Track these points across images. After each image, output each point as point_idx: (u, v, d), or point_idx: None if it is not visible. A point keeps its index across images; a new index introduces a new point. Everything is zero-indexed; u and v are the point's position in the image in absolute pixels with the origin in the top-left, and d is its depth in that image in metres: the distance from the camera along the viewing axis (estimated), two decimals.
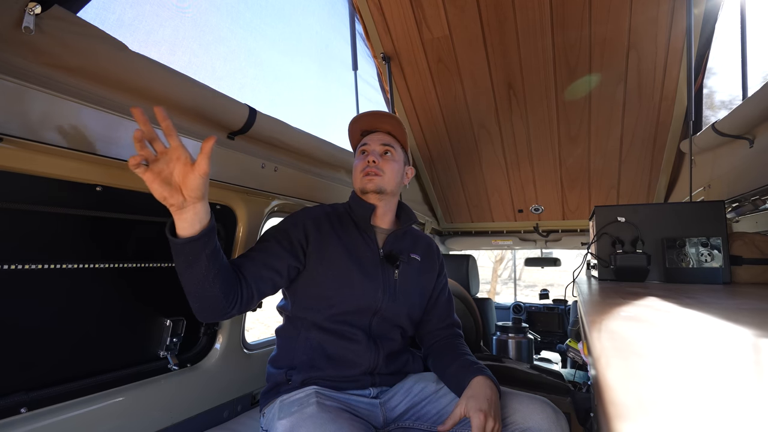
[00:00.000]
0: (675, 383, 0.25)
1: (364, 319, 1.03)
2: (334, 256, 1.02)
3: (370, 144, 1.12)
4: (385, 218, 1.14)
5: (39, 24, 0.68)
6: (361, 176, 1.09)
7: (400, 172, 1.14)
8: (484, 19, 1.89)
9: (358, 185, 1.11)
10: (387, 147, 1.12)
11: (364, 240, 1.08)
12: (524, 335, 2.44)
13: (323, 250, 1.02)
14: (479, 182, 2.77)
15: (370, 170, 1.08)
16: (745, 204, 1.53)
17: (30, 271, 0.84)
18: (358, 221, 1.09)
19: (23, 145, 0.75)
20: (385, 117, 1.14)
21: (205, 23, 1.34)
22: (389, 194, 1.11)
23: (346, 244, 1.05)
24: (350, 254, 1.04)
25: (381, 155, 1.11)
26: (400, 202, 1.21)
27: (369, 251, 1.07)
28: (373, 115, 1.14)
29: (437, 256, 1.23)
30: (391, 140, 1.14)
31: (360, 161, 1.12)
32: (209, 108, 1.03)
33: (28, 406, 0.83)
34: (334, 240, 1.04)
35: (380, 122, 1.14)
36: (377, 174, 1.08)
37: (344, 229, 1.08)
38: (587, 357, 0.68)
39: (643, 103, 2.07)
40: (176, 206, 0.73)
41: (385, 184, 1.08)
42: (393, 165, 1.11)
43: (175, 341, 1.11)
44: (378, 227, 1.13)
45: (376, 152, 1.10)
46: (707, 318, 0.48)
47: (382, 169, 1.09)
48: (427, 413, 1.00)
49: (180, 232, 0.76)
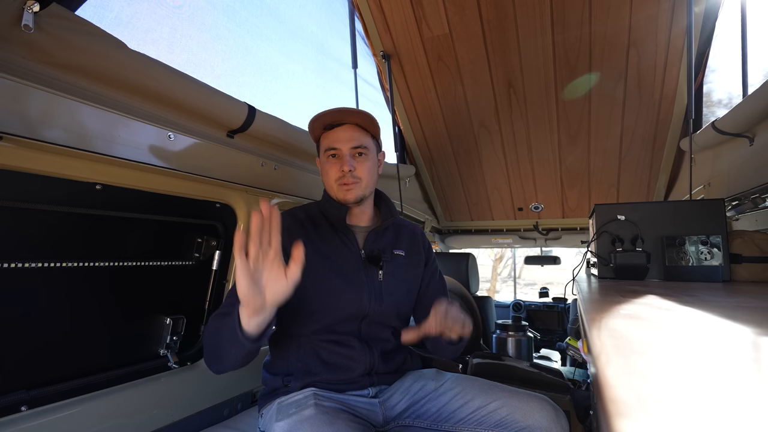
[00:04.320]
0: (675, 381, 0.25)
1: (352, 325, 1.00)
2: (311, 267, 0.93)
3: (340, 147, 1.00)
4: (363, 216, 1.08)
5: (38, 22, 0.68)
6: (336, 185, 1.01)
7: (375, 167, 1.07)
8: (484, 17, 1.89)
9: (333, 194, 1.03)
10: (359, 148, 1.01)
11: (343, 242, 1.03)
12: (524, 333, 2.45)
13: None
14: (479, 180, 2.77)
15: (346, 181, 0.99)
16: (745, 202, 1.53)
17: (30, 269, 0.84)
18: (334, 222, 1.03)
19: (23, 143, 0.75)
20: (352, 110, 1.02)
21: (204, 21, 1.34)
22: (369, 195, 1.06)
23: (323, 251, 1.00)
24: (329, 261, 0.99)
25: (354, 157, 1.01)
26: (379, 192, 1.13)
27: (349, 254, 1.02)
28: (337, 110, 1.01)
29: (423, 245, 1.16)
30: (360, 135, 1.02)
31: (332, 167, 1.01)
32: (208, 106, 1.03)
33: (29, 404, 0.83)
34: (310, 249, 0.94)
35: (347, 115, 1.02)
36: (355, 182, 1.00)
37: (319, 234, 1.03)
38: (587, 355, 0.68)
39: (643, 101, 2.07)
40: (252, 308, 0.71)
41: (364, 189, 1.02)
42: (368, 165, 1.02)
43: (176, 339, 1.12)
44: (356, 226, 1.07)
45: (349, 158, 1.00)
46: (707, 316, 0.48)
47: (358, 177, 1.00)
48: (427, 411, 1.00)
49: (248, 330, 0.74)
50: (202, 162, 1.09)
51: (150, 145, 0.95)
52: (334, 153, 1.02)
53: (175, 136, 1.00)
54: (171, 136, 0.99)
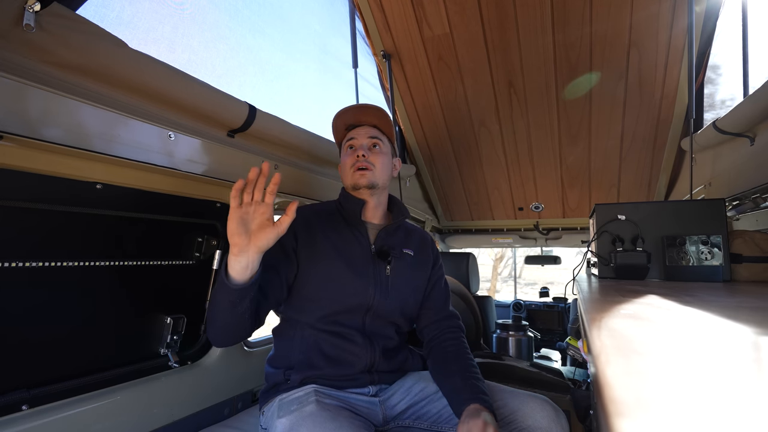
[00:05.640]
0: (675, 381, 0.25)
1: (356, 317, 1.02)
2: (322, 255, 1.01)
3: (358, 138, 1.10)
4: (376, 213, 1.12)
5: (38, 21, 0.68)
6: (351, 172, 1.07)
7: (389, 165, 1.14)
8: (485, 16, 1.89)
9: (348, 181, 1.09)
10: (375, 140, 1.10)
11: (355, 236, 1.07)
12: (524, 333, 2.45)
13: (312, 250, 1.01)
14: (479, 180, 2.77)
15: (360, 164, 1.06)
16: (746, 202, 1.53)
17: (30, 268, 0.84)
18: (348, 217, 1.08)
19: (23, 142, 0.75)
20: (370, 110, 1.13)
21: (205, 21, 1.34)
22: (381, 188, 1.10)
23: (335, 242, 1.04)
24: (340, 252, 1.03)
25: (369, 149, 1.10)
26: (392, 197, 1.20)
27: (360, 247, 1.06)
28: (357, 108, 1.13)
29: (431, 249, 1.20)
30: (377, 133, 1.12)
31: (348, 156, 1.10)
32: (209, 106, 1.03)
33: (30, 403, 0.83)
34: (322, 239, 1.03)
35: (365, 116, 1.13)
36: (368, 168, 1.06)
37: (333, 226, 1.07)
38: (587, 355, 0.68)
39: (644, 101, 2.07)
40: (238, 247, 0.78)
41: (376, 178, 1.07)
42: (382, 158, 1.10)
43: (176, 339, 1.12)
44: (369, 223, 1.11)
45: (364, 146, 1.09)
46: (707, 316, 0.48)
47: (372, 163, 1.07)
48: (428, 413, 1.00)
49: (232, 273, 0.80)
50: (203, 161, 1.09)
51: (150, 144, 0.95)
52: (351, 144, 1.11)
53: (176, 135, 1.00)
54: (172, 136, 0.99)
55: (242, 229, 0.78)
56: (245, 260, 0.79)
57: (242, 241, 0.78)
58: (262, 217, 0.80)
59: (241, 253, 0.78)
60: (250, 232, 0.79)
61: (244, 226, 0.78)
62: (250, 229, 0.79)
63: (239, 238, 0.78)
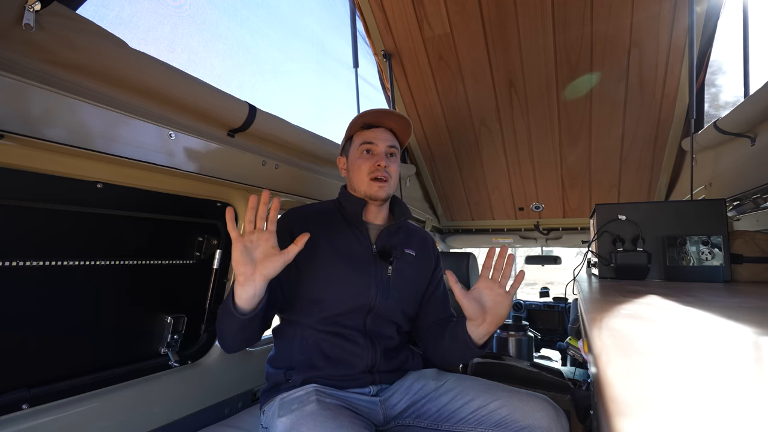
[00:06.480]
0: (675, 381, 0.25)
1: (358, 318, 1.02)
2: (323, 257, 1.00)
3: (377, 144, 1.07)
4: (379, 214, 1.11)
5: (39, 21, 0.68)
6: (368, 180, 1.05)
7: (398, 171, 1.14)
8: (486, 16, 1.89)
9: (364, 188, 1.06)
10: (393, 149, 1.09)
11: (356, 236, 1.06)
12: (524, 333, 2.45)
13: (312, 252, 1.01)
14: (480, 180, 2.77)
15: (380, 174, 1.04)
16: (746, 202, 1.52)
17: (31, 267, 0.84)
18: (349, 217, 1.07)
19: (24, 142, 0.75)
20: (394, 115, 1.10)
21: (204, 21, 1.34)
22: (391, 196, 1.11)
23: (336, 243, 1.03)
24: (340, 253, 1.02)
25: (387, 157, 1.08)
26: (394, 196, 1.19)
27: (361, 247, 1.05)
28: (383, 110, 1.09)
29: (433, 250, 1.20)
30: (394, 141, 1.11)
31: (366, 161, 1.06)
32: (209, 105, 1.03)
33: (30, 402, 0.83)
34: (322, 240, 1.02)
35: (387, 119, 1.10)
36: (386, 180, 1.05)
37: (334, 227, 1.06)
38: (587, 355, 0.68)
39: (645, 101, 2.07)
40: (244, 276, 0.78)
41: (391, 188, 1.08)
42: (395, 167, 1.10)
43: (176, 338, 1.12)
44: (371, 223, 1.10)
45: (383, 154, 1.07)
46: (708, 316, 0.48)
47: (390, 174, 1.06)
48: (428, 411, 1.00)
49: (239, 303, 0.81)
50: (203, 161, 1.09)
51: (151, 144, 0.95)
52: (369, 148, 1.07)
53: (176, 135, 1.00)
54: (172, 135, 0.99)
55: (247, 258, 0.78)
56: (252, 289, 0.79)
57: (248, 270, 0.78)
58: (267, 244, 0.79)
59: (248, 281, 0.78)
60: (255, 260, 0.79)
61: (249, 255, 0.78)
62: (255, 258, 0.79)
63: (245, 267, 0.77)
